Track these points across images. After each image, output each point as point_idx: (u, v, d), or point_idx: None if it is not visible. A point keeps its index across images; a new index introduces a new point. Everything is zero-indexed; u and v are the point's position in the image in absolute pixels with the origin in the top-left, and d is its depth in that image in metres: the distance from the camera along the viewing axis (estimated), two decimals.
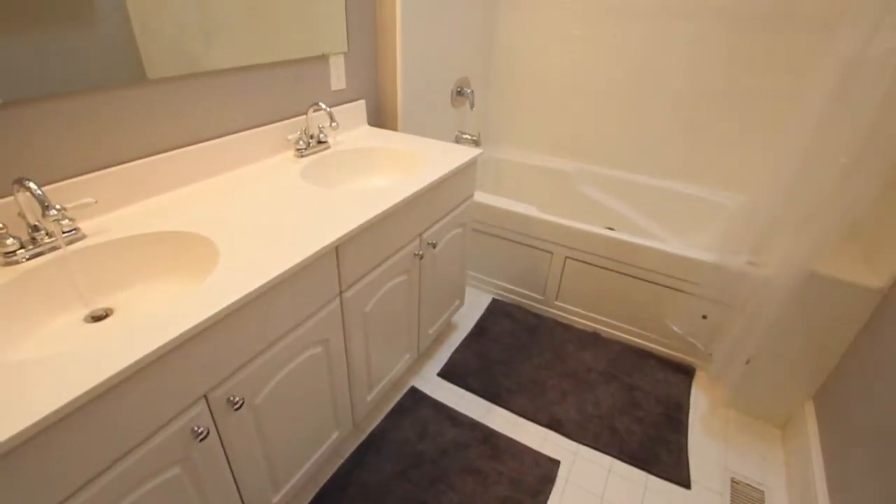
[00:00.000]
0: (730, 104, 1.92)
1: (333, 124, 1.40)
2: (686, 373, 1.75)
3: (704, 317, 1.62)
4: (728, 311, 1.55)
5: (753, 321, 1.42)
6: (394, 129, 1.83)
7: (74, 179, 0.97)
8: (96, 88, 0.97)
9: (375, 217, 1.08)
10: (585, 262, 1.84)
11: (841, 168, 1.21)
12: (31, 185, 0.82)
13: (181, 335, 0.70)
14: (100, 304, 0.92)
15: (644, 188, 2.21)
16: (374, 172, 1.53)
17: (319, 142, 1.49)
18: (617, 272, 1.78)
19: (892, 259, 1.23)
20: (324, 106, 1.39)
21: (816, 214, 1.28)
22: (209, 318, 0.74)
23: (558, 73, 2.24)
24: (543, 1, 2.13)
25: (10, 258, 0.86)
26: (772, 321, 1.37)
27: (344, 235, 0.99)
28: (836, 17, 1.62)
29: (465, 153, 1.49)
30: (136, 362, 0.65)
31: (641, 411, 1.59)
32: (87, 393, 0.60)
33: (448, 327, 1.97)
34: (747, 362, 1.48)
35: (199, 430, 0.80)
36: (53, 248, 0.90)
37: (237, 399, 0.86)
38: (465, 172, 1.50)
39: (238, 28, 1.22)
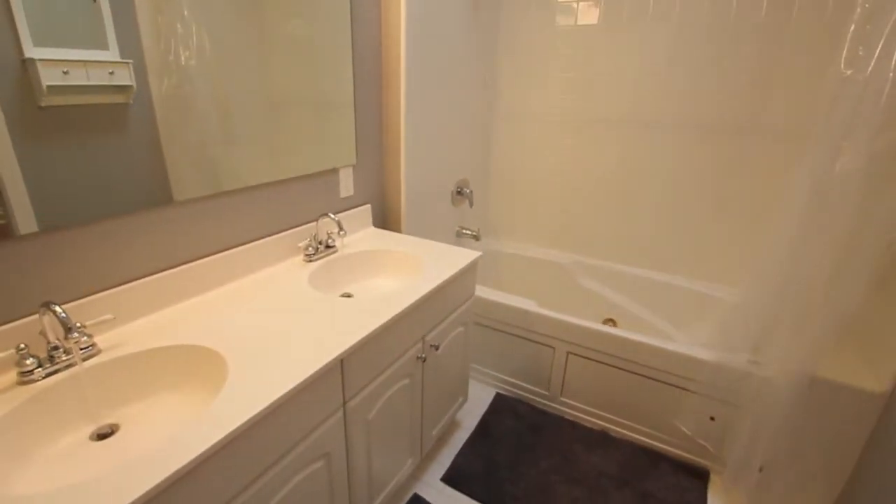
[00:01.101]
0: (716, 203, 2.03)
1: (341, 232, 1.49)
2: (700, 477, 1.68)
3: (712, 418, 1.59)
4: (735, 412, 1.53)
5: (761, 425, 1.39)
6: (398, 229, 1.93)
7: (95, 296, 1.03)
8: (127, 213, 1.06)
9: (380, 327, 1.12)
10: (588, 358, 1.84)
11: (827, 272, 1.27)
12: (58, 308, 0.87)
13: (181, 469, 0.71)
14: (106, 421, 0.93)
15: (641, 281, 2.26)
16: (379, 274, 1.60)
17: (327, 246, 1.57)
18: (620, 369, 1.78)
19: (891, 361, 1.24)
20: (332, 216, 1.49)
21: (809, 315, 1.32)
22: (211, 448, 0.75)
23: (551, 173, 2.40)
24: (533, 115, 2.35)
25: (27, 377, 0.89)
26: (779, 426, 1.34)
27: (349, 349, 1.02)
28: (799, 130, 1.79)
29: (465, 256, 1.56)
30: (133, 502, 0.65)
31: None
32: None
33: (451, 425, 1.92)
34: (760, 470, 1.43)
35: None
36: (69, 366, 0.93)
37: None
38: (466, 274, 1.56)
39: (258, 150, 1.35)
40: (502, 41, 2.34)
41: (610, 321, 2.31)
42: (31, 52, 0.87)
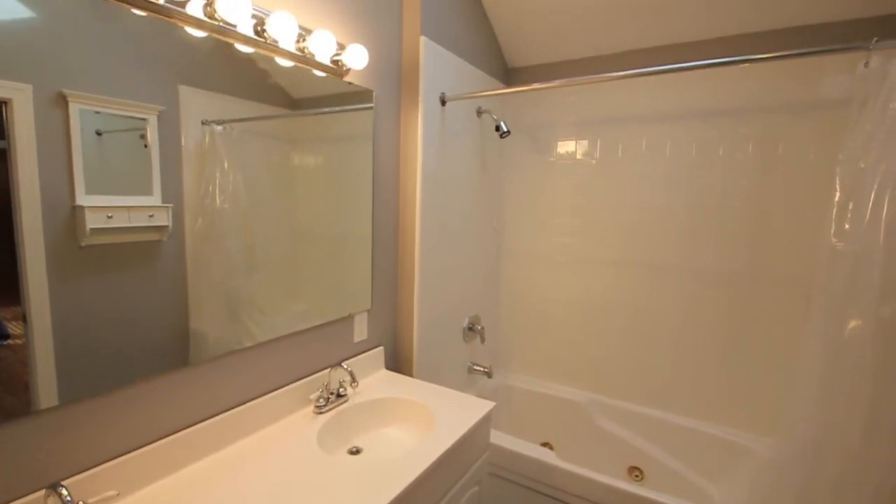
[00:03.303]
0: (731, 346, 2.01)
1: (354, 384, 1.48)
2: None
3: None
4: None
5: None
6: (409, 371, 1.92)
7: (101, 467, 1.00)
8: (147, 377, 1.08)
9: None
10: None
11: (858, 436, 1.20)
12: (64, 492, 0.85)
13: None
14: None
15: (663, 424, 2.15)
16: (390, 425, 1.55)
17: (339, 395, 1.55)
18: None
19: None
20: (345, 366, 1.49)
21: (848, 482, 1.22)
22: None
23: (561, 310, 2.43)
24: (539, 255, 2.47)
25: None
26: None
27: None
28: (801, 278, 1.83)
29: (479, 407, 1.52)
30: None
31: None
32: None
33: None
34: None
35: None
36: None
37: None
38: (480, 427, 1.50)
39: (276, 305, 1.41)
40: (508, 190, 2.54)
41: (635, 470, 2.15)
42: (82, 199, 0.92)
